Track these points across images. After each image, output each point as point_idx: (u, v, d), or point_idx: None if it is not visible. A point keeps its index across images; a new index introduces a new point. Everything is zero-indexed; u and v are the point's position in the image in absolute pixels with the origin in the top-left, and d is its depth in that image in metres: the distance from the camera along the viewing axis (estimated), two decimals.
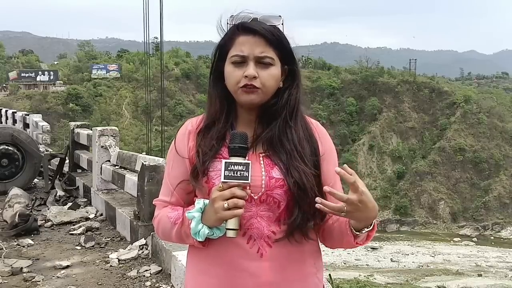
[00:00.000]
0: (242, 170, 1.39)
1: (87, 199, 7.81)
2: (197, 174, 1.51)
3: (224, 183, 1.39)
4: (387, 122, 67.03)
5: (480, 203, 58.17)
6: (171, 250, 4.36)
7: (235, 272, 1.49)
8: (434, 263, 42.58)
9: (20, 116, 17.33)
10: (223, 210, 1.38)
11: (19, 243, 5.80)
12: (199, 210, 1.46)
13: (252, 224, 1.48)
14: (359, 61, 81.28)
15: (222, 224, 1.44)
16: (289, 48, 1.53)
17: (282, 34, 1.51)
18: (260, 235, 1.48)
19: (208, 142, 1.53)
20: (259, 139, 1.53)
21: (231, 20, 1.53)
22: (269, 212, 1.49)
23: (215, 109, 1.57)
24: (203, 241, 1.47)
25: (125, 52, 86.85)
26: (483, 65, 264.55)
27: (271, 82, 1.50)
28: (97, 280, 4.59)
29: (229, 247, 1.49)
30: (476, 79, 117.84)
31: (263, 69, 1.48)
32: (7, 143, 8.81)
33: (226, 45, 1.53)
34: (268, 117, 1.54)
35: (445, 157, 61.95)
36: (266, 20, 1.51)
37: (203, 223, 1.45)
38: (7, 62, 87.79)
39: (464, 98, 66.66)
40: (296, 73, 1.57)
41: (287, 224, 1.49)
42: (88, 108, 64.72)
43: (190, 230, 1.47)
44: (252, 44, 1.48)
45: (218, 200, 1.39)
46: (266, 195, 1.48)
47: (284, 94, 1.54)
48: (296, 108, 1.55)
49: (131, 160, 6.39)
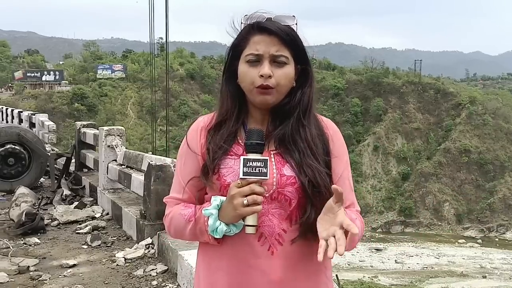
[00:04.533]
0: (261, 166, 1.39)
1: (93, 198, 7.84)
2: (207, 172, 1.52)
3: (242, 179, 1.40)
4: (392, 123, 66.86)
5: (485, 204, 57.93)
6: (177, 250, 4.36)
7: (246, 269, 1.50)
8: (439, 265, 42.45)
9: (26, 115, 17.40)
10: (242, 207, 1.39)
11: (25, 242, 5.82)
12: (216, 207, 1.46)
13: (264, 221, 1.49)
14: (364, 62, 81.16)
15: (239, 221, 1.44)
16: (303, 47, 1.54)
17: (296, 34, 1.52)
18: (271, 233, 1.49)
19: (219, 139, 1.54)
20: (271, 136, 1.53)
21: (246, 20, 1.54)
22: (280, 210, 1.50)
23: (226, 108, 1.57)
24: (220, 238, 1.48)
25: (130, 53, 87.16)
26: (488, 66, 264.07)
27: (286, 81, 1.50)
28: (103, 279, 4.60)
29: (241, 245, 1.49)
30: (482, 80, 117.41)
31: (277, 68, 1.49)
32: (14, 142, 8.85)
33: (240, 44, 1.54)
34: (281, 116, 1.55)
35: (450, 158, 61.74)
36: (281, 20, 1.52)
37: (220, 220, 1.46)
38: (12, 61, 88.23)
39: (469, 99, 66.45)
40: (309, 72, 1.57)
41: (301, 222, 1.49)
42: (93, 108, 64.92)
43: (207, 227, 1.47)
44: (268, 43, 1.49)
45: (237, 196, 1.39)
46: (278, 192, 1.49)
47: (297, 93, 1.55)
48: (309, 107, 1.56)
49: (138, 159, 6.41)
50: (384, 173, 63.99)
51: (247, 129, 1.53)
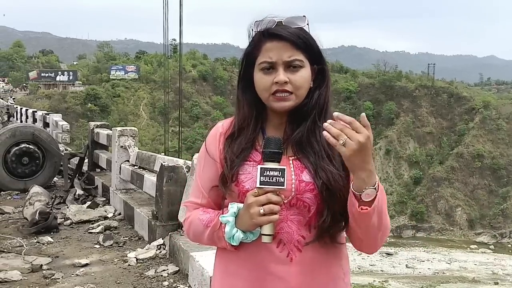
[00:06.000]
0: (278, 176, 1.38)
1: (106, 198, 7.89)
2: (226, 181, 1.51)
3: (259, 188, 1.39)
4: (404, 127, 66.45)
5: (498, 210, 57.28)
6: (189, 251, 4.36)
7: (264, 276, 1.49)
8: (450, 270, 42.05)
9: (40, 115, 17.58)
10: (258, 216, 1.38)
11: (39, 241, 5.88)
12: (233, 215, 1.46)
13: (282, 228, 1.48)
14: (376, 65, 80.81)
15: (256, 229, 1.44)
16: (317, 48, 1.53)
17: (308, 35, 1.51)
18: (290, 239, 1.48)
19: (237, 148, 1.53)
20: (289, 141, 1.52)
21: (256, 26, 1.53)
22: (299, 216, 1.48)
23: (244, 116, 1.57)
24: (237, 245, 1.48)
25: (144, 54, 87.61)
26: (503, 70, 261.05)
27: (303, 84, 1.50)
28: (115, 279, 4.63)
29: (259, 251, 1.48)
30: (496, 84, 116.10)
31: (293, 72, 1.48)
32: (28, 142, 8.95)
33: (253, 52, 1.53)
34: (298, 118, 1.53)
35: (463, 163, 61.19)
36: (291, 22, 1.50)
37: (237, 228, 1.46)
38: (27, 62, 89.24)
39: (483, 103, 65.82)
40: (325, 72, 1.56)
41: (317, 227, 1.48)
42: (106, 109, 65.36)
43: (225, 234, 1.47)
44: (280, 50, 1.47)
45: (253, 205, 1.38)
46: (296, 199, 1.48)
47: (314, 94, 1.53)
48: (326, 108, 1.54)
49: (150, 160, 6.44)
50: (395, 177, 63.59)
51: (265, 136, 1.51)
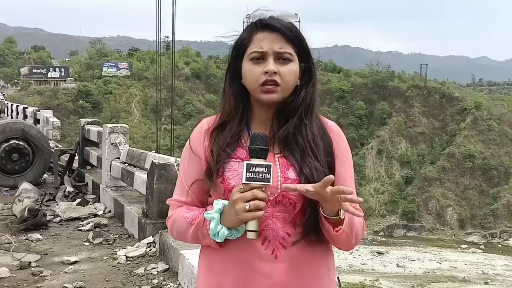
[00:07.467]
0: (264, 172, 1.38)
1: (96, 196, 7.84)
2: (211, 174, 1.50)
3: (245, 184, 1.38)
4: (396, 127, 66.75)
5: (488, 210, 57.71)
6: (179, 249, 4.35)
7: (249, 273, 1.49)
8: (441, 270, 42.33)
9: (31, 111, 17.47)
10: (244, 212, 1.38)
11: (27, 238, 5.83)
12: (218, 211, 1.46)
13: (268, 225, 1.47)
14: (369, 65, 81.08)
15: (240, 225, 1.43)
16: (306, 45, 1.53)
17: (299, 31, 1.52)
18: (275, 236, 1.48)
19: (222, 141, 1.52)
20: (275, 138, 1.52)
21: (248, 18, 1.54)
22: (284, 213, 1.48)
23: (229, 107, 1.56)
24: (221, 242, 1.47)
25: (136, 51, 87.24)
26: (494, 71, 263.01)
27: (291, 77, 1.50)
28: (104, 277, 4.60)
29: (244, 248, 1.48)
30: (488, 85, 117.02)
31: (282, 65, 1.48)
32: (18, 138, 8.87)
33: (244, 43, 1.52)
34: (285, 115, 1.53)
35: (454, 163, 61.56)
36: (283, 17, 1.51)
37: (222, 224, 1.45)
38: (19, 57, 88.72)
39: (474, 104, 66.23)
40: (312, 70, 1.56)
41: (302, 224, 1.48)
42: (98, 106, 65.08)
43: (209, 231, 1.46)
44: (271, 40, 1.48)
45: (239, 201, 1.38)
46: (282, 196, 1.47)
47: (301, 91, 1.54)
48: (312, 106, 1.55)
49: (141, 157, 6.40)
50: (387, 177, 63.88)
51: (251, 133, 1.51)
